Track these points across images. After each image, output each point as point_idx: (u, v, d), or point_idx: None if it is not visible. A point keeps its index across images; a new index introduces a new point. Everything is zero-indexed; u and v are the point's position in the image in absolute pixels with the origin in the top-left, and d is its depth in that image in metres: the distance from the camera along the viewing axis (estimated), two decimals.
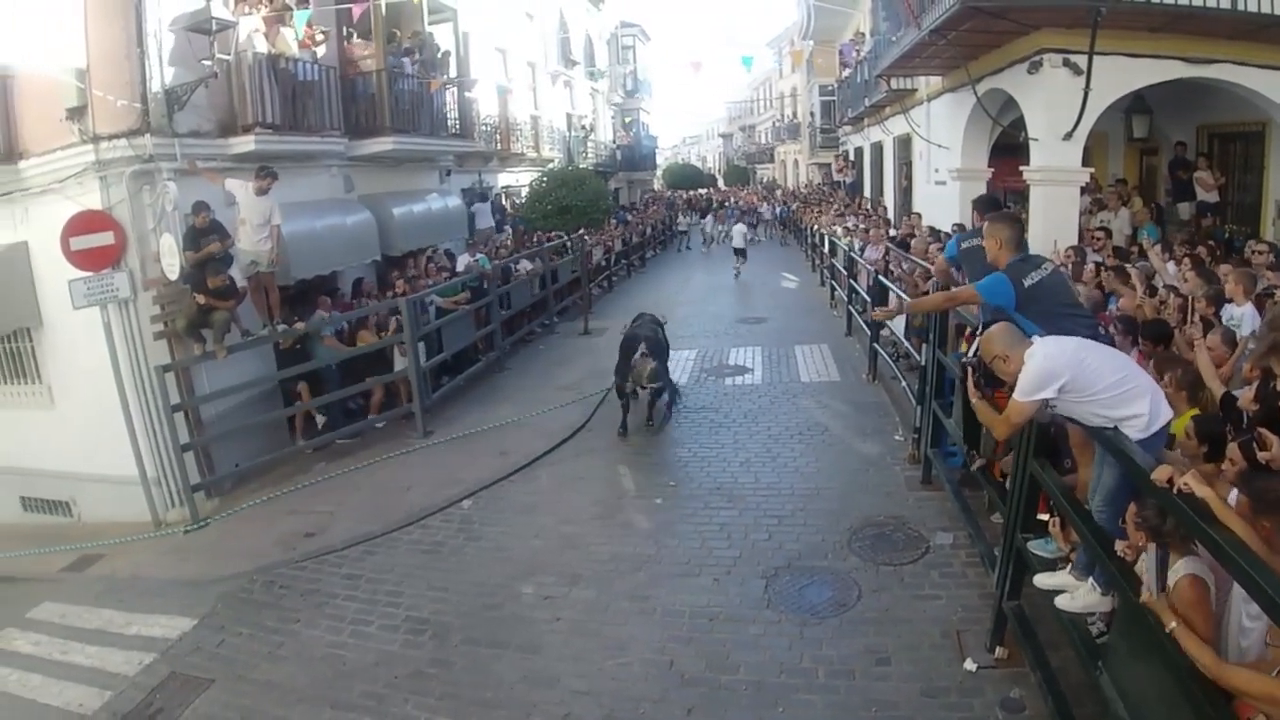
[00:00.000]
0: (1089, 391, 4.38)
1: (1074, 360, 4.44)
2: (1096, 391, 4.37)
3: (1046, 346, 4.59)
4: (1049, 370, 4.44)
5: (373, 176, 14.70)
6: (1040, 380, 4.46)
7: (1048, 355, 4.51)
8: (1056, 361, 4.46)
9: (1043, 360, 4.50)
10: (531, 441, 10.91)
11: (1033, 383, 4.48)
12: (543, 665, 6.24)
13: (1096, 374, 4.38)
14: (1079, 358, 4.47)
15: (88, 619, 7.74)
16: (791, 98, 50.81)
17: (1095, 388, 4.36)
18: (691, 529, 8.23)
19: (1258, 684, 3.21)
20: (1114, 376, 4.38)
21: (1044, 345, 4.60)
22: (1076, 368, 4.41)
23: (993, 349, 4.79)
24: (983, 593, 6.54)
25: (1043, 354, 4.53)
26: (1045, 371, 4.45)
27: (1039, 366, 4.48)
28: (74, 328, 10.00)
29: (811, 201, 32.67)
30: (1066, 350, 4.54)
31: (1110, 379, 4.37)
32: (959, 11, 9.94)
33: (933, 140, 16.97)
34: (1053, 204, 11.42)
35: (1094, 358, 4.49)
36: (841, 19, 28.16)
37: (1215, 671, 3.33)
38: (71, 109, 10.01)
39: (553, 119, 28.46)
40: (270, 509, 9.82)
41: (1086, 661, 4.47)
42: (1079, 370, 4.40)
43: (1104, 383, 4.36)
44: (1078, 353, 4.52)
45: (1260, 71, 10.26)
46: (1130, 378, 4.40)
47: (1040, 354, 4.54)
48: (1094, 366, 4.41)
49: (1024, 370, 4.54)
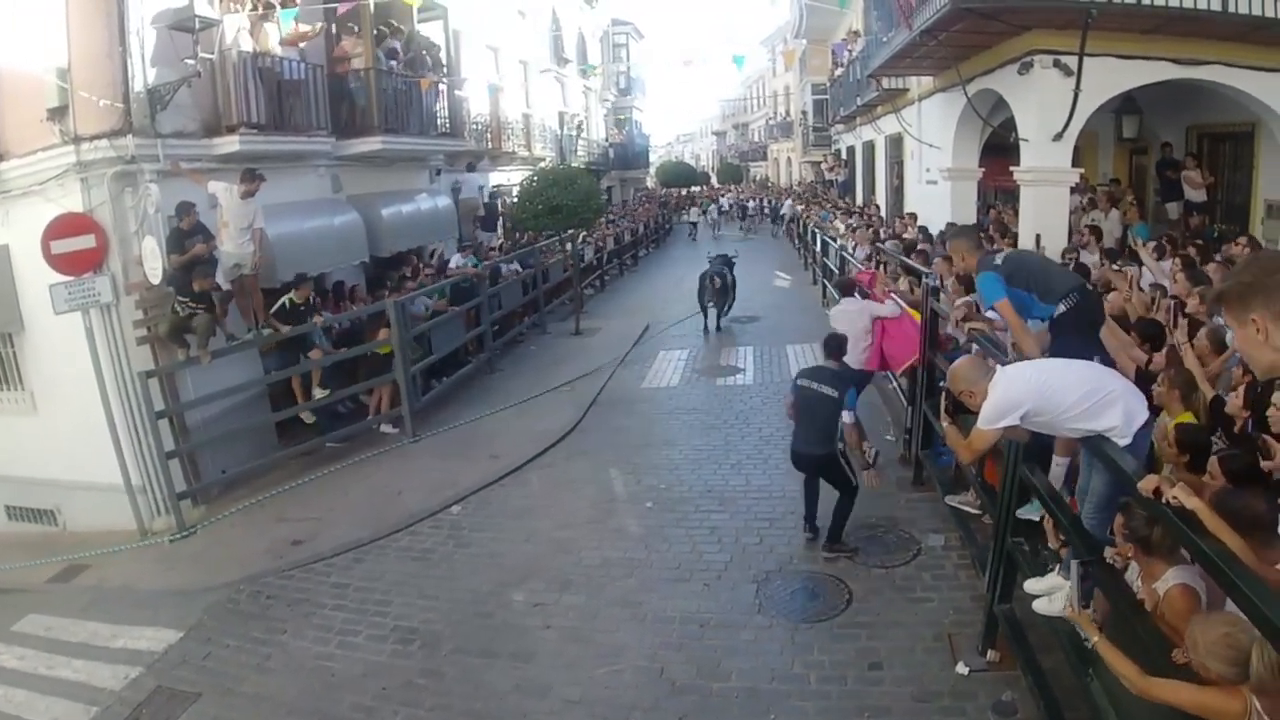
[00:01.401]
0: (1055, 413, 4.40)
1: (1034, 388, 4.47)
2: (1063, 411, 4.38)
3: (1006, 375, 4.65)
4: (1009, 399, 4.48)
5: (361, 176, 14.60)
6: (1000, 410, 4.50)
7: (1009, 384, 4.57)
8: (1015, 390, 4.51)
9: (1004, 390, 4.54)
10: (522, 444, 10.84)
11: (994, 412, 4.53)
12: (534, 674, 6.19)
13: (1060, 394, 4.39)
14: (1040, 382, 4.49)
15: (74, 632, 7.65)
16: (784, 96, 50.86)
17: (1061, 407, 4.37)
18: (683, 533, 8.18)
19: (1184, 694, 3.19)
20: (1080, 391, 4.37)
21: (1004, 375, 4.67)
22: (1037, 394, 4.43)
23: (958, 384, 4.86)
24: (974, 595, 6.50)
25: (1004, 384, 4.58)
26: (1006, 401, 4.49)
27: (1000, 397, 4.53)
28: (56, 333, 9.88)
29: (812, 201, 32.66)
30: (1025, 377, 4.59)
31: (1075, 395, 4.36)
32: (950, 12, 9.89)
33: (924, 140, 16.97)
34: (1043, 204, 11.40)
35: (1056, 379, 4.50)
36: (834, 18, 28.17)
37: (1140, 685, 3.34)
38: (53, 109, 9.91)
39: (545, 117, 28.39)
40: (257, 516, 9.73)
41: (1077, 668, 4.43)
42: (1040, 396, 4.42)
43: (1069, 400, 4.36)
44: (1037, 377, 4.56)
45: (1249, 73, 10.24)
46: (1098, 389, 4.38)
47: (1001, 384, 4.59)
48: (1057, 387, 4.42)
49: (986, 401, 4.59)
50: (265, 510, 9.87)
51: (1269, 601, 2.81)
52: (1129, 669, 3.39)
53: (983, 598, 6.03)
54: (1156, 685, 3.29)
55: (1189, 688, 3.18)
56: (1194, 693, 3.14)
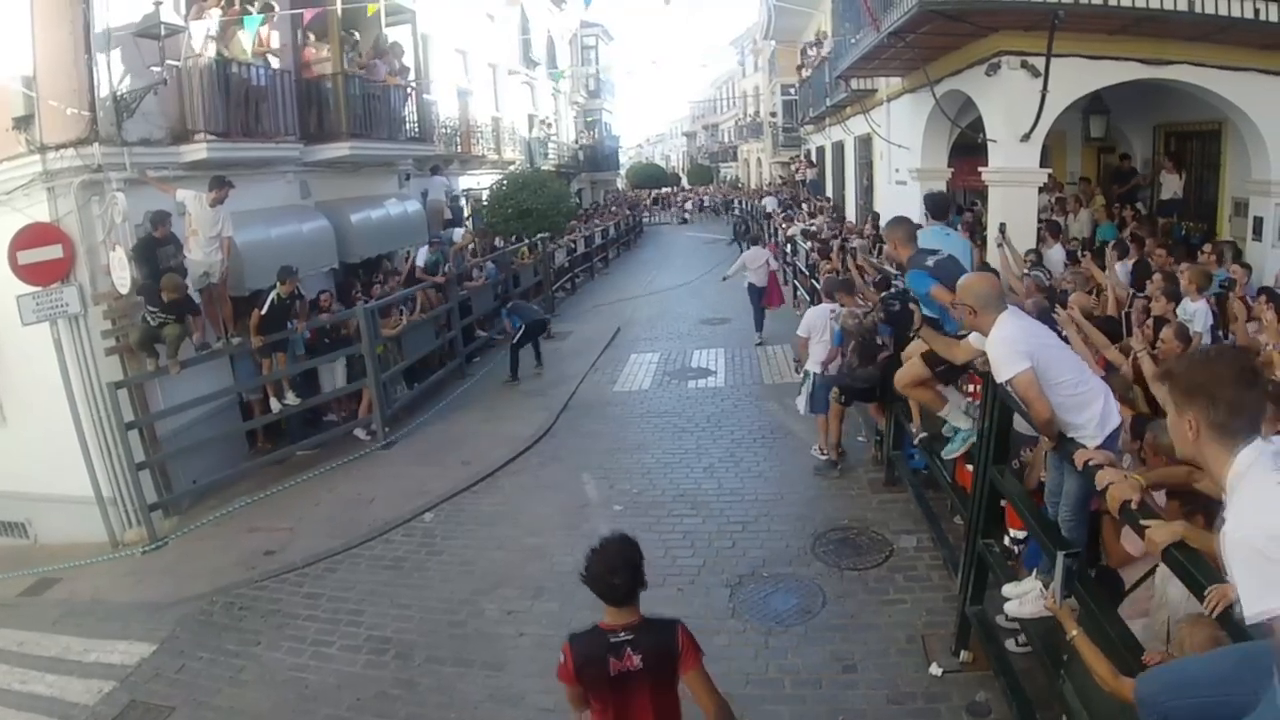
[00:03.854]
0: (1052, 381, 4.37)
1: (1039, 343, 4.46)
2: (1056, 383, 4.36)
3: (1016, 318, 4.59)
4: (1016, 340, 4.45)
5: (330, 182, 14.51)
6: (1010, 344, 4.46)
7: (1018, 328, 4.52)
8: (1024, 334, 4.49)
9: (1011, 330, 4.51)
10: (494, 450, 10.83)
11: (1005, 349, 4.47)
12: (507, 682, 6.19)
13: (1058, 365, 4.40)
14: (1042, 342, 4.51)
15: (46, 646, 7.55)
16: (754, 97, 50.94)
17: (1056, 378, 4.36)
18: (655, 537, 8.18)
19: None
20: (1072, 372, 4.42)
21: (1014, 316, 4.60)
22: (1040, 349, 4.42)
23: (966, 296, 4.73)
24: (947, 595, 6.56)
25: (1013, 325, 4.53)
26: (1013, 340, 4.46)
27: (1008, 334, 4.49)
28: (24, 344, 9.73)
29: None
30: (1033, 330, 4.57)
31: (1069, 374, 4.40)
32: (917, 14, 9.94)
33: (893, 140, 17.04)
34: (1011, 204, 11.47)
35: (1055, 349, 4.54)
36: (803, 19, 28.28)
37: (1113, 685, 3.36)
38: (18, 118, 9.73)
39: (514, 120, 28.29)
40: (229, 526, 9.68)
41: (1049, 670, 4.48)
42: (1043, 353, 4.41)
43: (1064, 375, 4.38)
44: (1042, 334, 4.60)
45: (1217, 72, 10.36)
46: (1086, 379, 4.43)
47: (1010, 324, 4.54)
48: (1055, 357, 4.45)
49: (994, 332, 4.56)
50: (237, 520, 9.82)
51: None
52: (1104, 668, 3.41)
53: (955, 598, 6.08)
54: (1129, 686, 3.33)
55: None
56: None
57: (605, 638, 3.65)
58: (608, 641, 3.63)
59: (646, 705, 3.68)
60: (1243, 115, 10.57)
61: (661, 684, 3.71)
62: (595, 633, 3.69)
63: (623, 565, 3.64)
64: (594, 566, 3.66)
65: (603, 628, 3.69)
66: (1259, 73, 10.29)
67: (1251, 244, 10.89)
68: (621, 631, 3.64)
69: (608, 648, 3.63)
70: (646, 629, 3.68)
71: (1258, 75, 10.31)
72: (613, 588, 3.64)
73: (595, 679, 3.65)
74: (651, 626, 3.71)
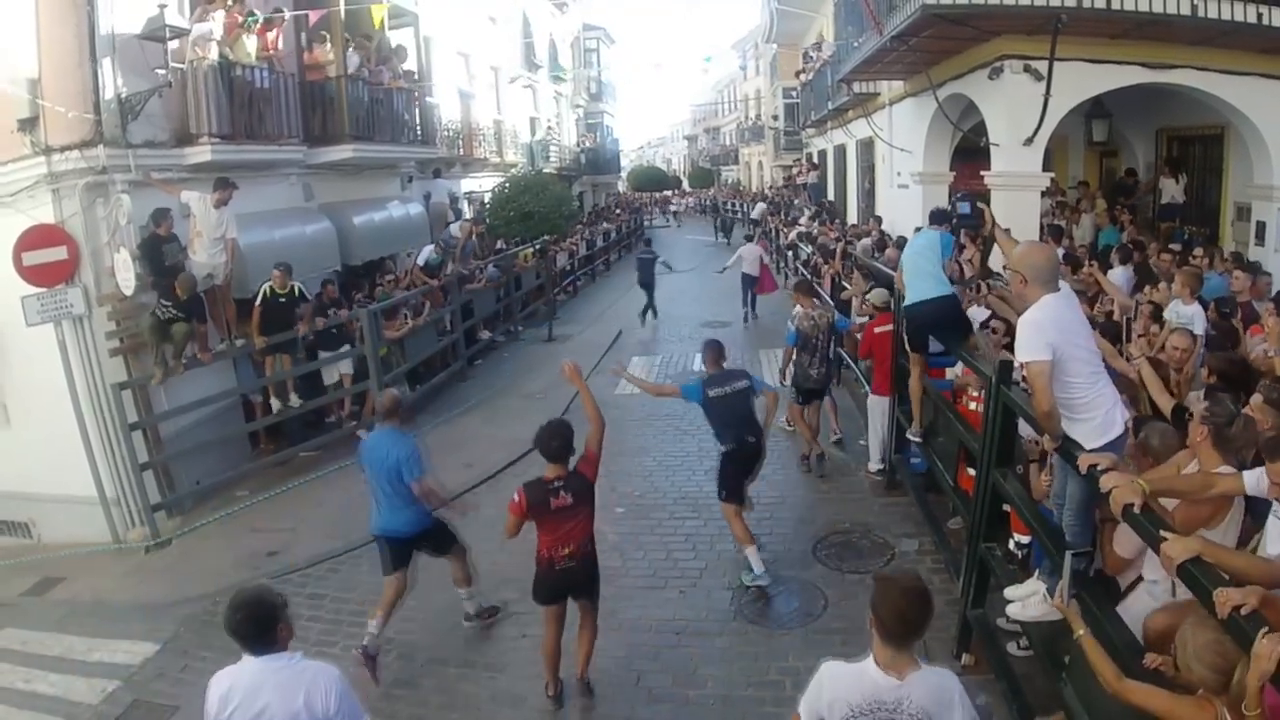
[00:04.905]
0: (1065, 378, 4.28)
1: (1065, 337, 4.26)
2: (1072, 382, 4.30)
3: (1054, 305, 4.34)
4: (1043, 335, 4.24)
5: (333, 184, 14.56)
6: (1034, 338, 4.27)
7: (1054, 316, 4.29)
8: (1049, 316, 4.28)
9: (1039, 313, 4.31)
10: (495, 452, 10.83)
11: (1029, 340, 4.29)
12: (509, 684, 6.21)
13: (1078, 363, 4.29)
14: (1070, 335, 4.31)
15: (50, 645, 7.56)
16: (756, 100, 50.96)
17: (1074, 377, 4.29)
18: (657, 540, 8.22)
19: (1157, 700, 3.24)
20: (1087, 375, 4.33)
21: (1054, 302, 4.35)
22: (1059, 331, 4.25)
23: (1021, 264, 4.47)
24: (949, 599, 6.54)
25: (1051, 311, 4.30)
26: (1037, 324, 4.28)
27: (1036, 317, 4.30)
28: (28, 345, 9.77)
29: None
30: (1064, 320, 4.33)
31: (1084, 375, 4.31)
32: (920, 18, 9.98)
33: (895, 144, 17.07)
34: (1014, 208, 11.47)
35: (1081, 347, 4.36)
36: (805, 22, 28.32)
37: (1116, 687, 3.38)
38: (23, 120, 9.78)
39: (516, 123, 28.33)
40: (232, 526, 9.70)
41: (1050, 672, 4.49)
42: (1066, 348, 4.25)
43: (1079, 377, 4.30)
44: (1072, 313, 4.42)
45: (1220, 76, 10.39)
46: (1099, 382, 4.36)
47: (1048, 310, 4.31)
48: (1077, 355, 4.30)
49: (1023, 323, 4.36)
50: (239, 521, 9.84)
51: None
52: (1108, 669, 3.43)
53: (957, 602, 6.09)
54: (1131, 688, 3.33)
55: (1163, 694, 3.23)
56: (1167, 699, 3.19)
57: (546, 485, 5.58)
58: (548, 487, 5.56)
59: (576, 526, 5.65)
60: (1245, 120, 10.59)
61: (584, 511, 5.72)
62: (539, 482, 5.61)
63: (557, 435, 5.63)
64: (540, 435, 5.67)
65: (544, 479, 5.61)
66: (1261, 77, 10.33)
67: (1254, 249, 10.90)
68: (555, 481, 5.58)
69: (549, 491, 5.55)
70: (571, 478, 5.63)
71: (1260, 80, 10.34)
72: (551, 449, 5.61)
73: (541, 513, 5.55)
74: (574, 476, 5.66)
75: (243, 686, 3.60)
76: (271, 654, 3.63)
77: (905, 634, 3.21)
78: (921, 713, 3.15)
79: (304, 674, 3.63)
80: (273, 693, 3.56)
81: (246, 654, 3.64)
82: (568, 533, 5.61)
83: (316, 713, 3.56)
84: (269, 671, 3.61)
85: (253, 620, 3.61)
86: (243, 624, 3.60)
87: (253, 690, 3.58)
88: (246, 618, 3.60)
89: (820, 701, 3.35)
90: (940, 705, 3.16)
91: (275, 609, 3.67)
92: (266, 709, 3.55)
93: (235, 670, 3.68)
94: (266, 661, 3.62)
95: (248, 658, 3.64)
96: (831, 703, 3.29)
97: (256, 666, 3.62)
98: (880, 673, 3.22)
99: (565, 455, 5.61)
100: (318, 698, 3.56)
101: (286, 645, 3.72)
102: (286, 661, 3.66)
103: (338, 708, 3.59)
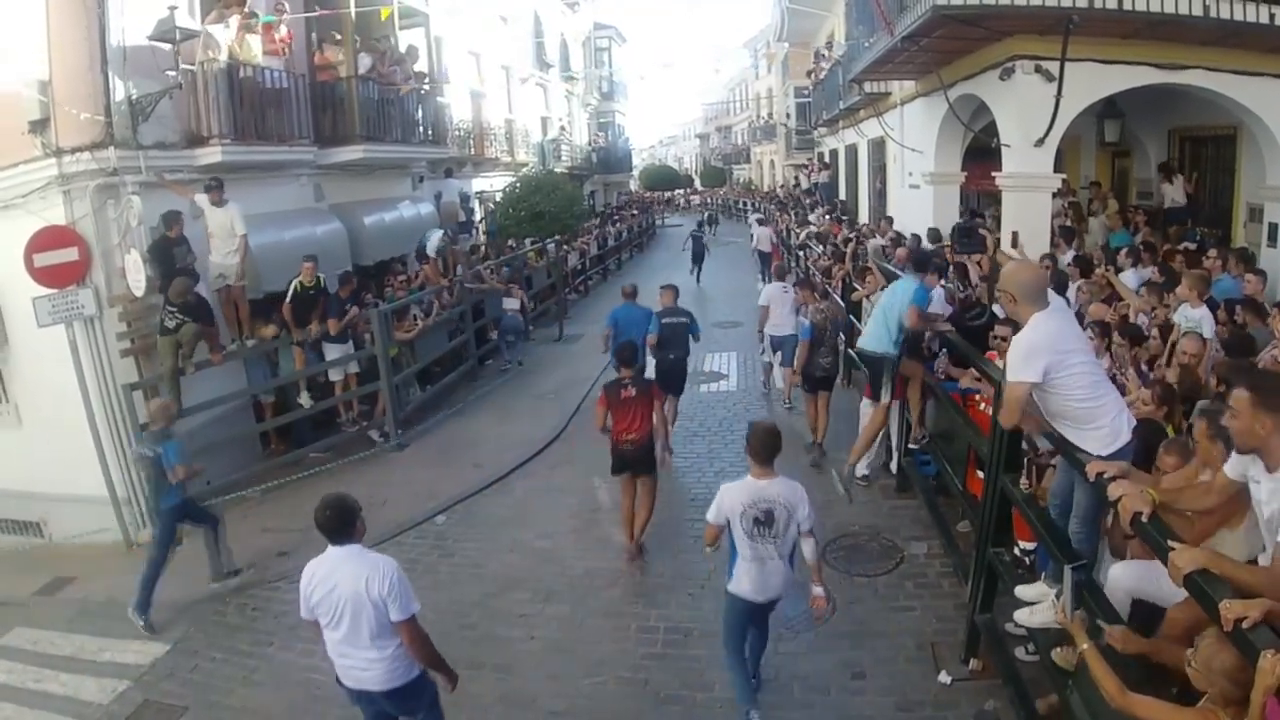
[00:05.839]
0: (1064, 393, 4.35)
1: (1058, 356, 4.32)
2: (1072, 396, 4.34)
3: (1046, 323, 4.42)
4: (1032, 358, 4.33)
5: (344, 185, 14.60)
6: (1026, 352, 4.37)
7: (1045, 335, 4.37)
8: (1043, 333, 4.37)
9: (1031, 331, 4.41)
10: (506, 453, 10.86)
11: (1020, 360, 4.39)
12: (519, 685, 6.22)
13: (1076, 377, 4.33)
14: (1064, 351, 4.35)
15: (60, 645, 7.59)
16: (768, 99, 50.83)
17: (1072, 391, 4.33)
18: (665, 542, 8.22)
19: (1159, 712, 3.24)
20: (1087, 387, 4.35)
21: (1046, 320, 4.43)
22: (1058, 362, 4.31)
23: (1008, 284, 4.62)
24: (957, 603, 6.56)
25: (1042, 331, 4.39)
26: (1031, 345, 4.37)
27: (1027, 343, 4.39)
28: (40, 346, 9.85)
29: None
30: (1057, 337, 4.39)
31: (1083, 389, 4.34)
32: (931, 18, 9.92)
33: (906, 144, 16.98)
34: (1025, 209, 11.45)
35: (1077, 360, 4.38)
36: (816, 21, 28.21)
37: (1120, 701, 3.37)
38: (34, 122, 9.83)
39: (527, 123, 28.36)
40: (242, 527, 9.67)
41: (1057, 679, 4.48)
42: (1060, 367, 4.31)
43: (1077, 391, 4.34)
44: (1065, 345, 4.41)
45: (1232, 77, 10.31)
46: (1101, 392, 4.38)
47: (1040, 330, 4.40)
48: (1075, 369, 4.34)
49: (1015, 343, 4.49)
50: (250, 522, 9.85)
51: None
52: (1111, 683, 3.41)
53: (965, 606, 6.08)
54: (1135, 702, 3.32)
55: (1167, 707, 3.23)
56: (1170, 713, 3.19)
57: (619, 383, 7.79)
58: (620, 384, 7.77)
59: (637, 415, 7.65)
60: (1257, 120, 10.51)
61: (644, 401, 7.74)
62: (615, 380, 7.88)
63: (628, 348, 8.07)
64: (622, 350, 8.08)
65: (619, 378, 7.87)
66: (1273, 78, 10.24)
67: (1266, 250, 10.82)
68: (625, 379, 7.80)
69: (620, 386, 7.75)
70: (637, 377, 7.89)
71: (1272, 80, 10.26)
72: (625, 356, 7.96)
73: (613, 402, 7.71)
74: (639, 378, 7.96)
75: (324, 569, 4.57)
76: (348, 545, 4.56)
77: (768, 456, 5.30)
78: (783, 499, 5.21)
79: (368, 562, 4.53)
80: (343, 575, 4.49)
81: (330, 544, 4.57)
82: (630, 420, 7.63)
83: (373, 594, 4.44)
84: (343, 558, 4.54)
85: (337, 516, 4.53)
86: (330, 519, 4.52)
87: (329, 572, 4.54)
88: (334, 514, 4.53)
89: (723, 509, 5.30)
90: (794, 499, 5.24)
91: (354, 510, 4.63)
92: (337, 587, 4.49)
93: (321, 558, 4.62)
94: (343, 550, 4.55)
95: (331, 548, 4.57)
96: (730, 506, 5.26)
97: (336, 554, 4.56)
98: (755, 481, 5.28)
99: (634, 361, 7.96)
100: (375, 583, 4.43)
101: (360, 539, 4.64)
102: (357, 552, 4.58)
103: (390, 592, 4.43)
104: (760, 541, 5.21)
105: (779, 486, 5.22)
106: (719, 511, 5.30)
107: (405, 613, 4.51)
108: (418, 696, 4.92)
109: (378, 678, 4.67)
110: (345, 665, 4.72)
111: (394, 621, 4.51)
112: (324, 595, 4.53)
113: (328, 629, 4.64)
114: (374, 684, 4.70)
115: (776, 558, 5.29)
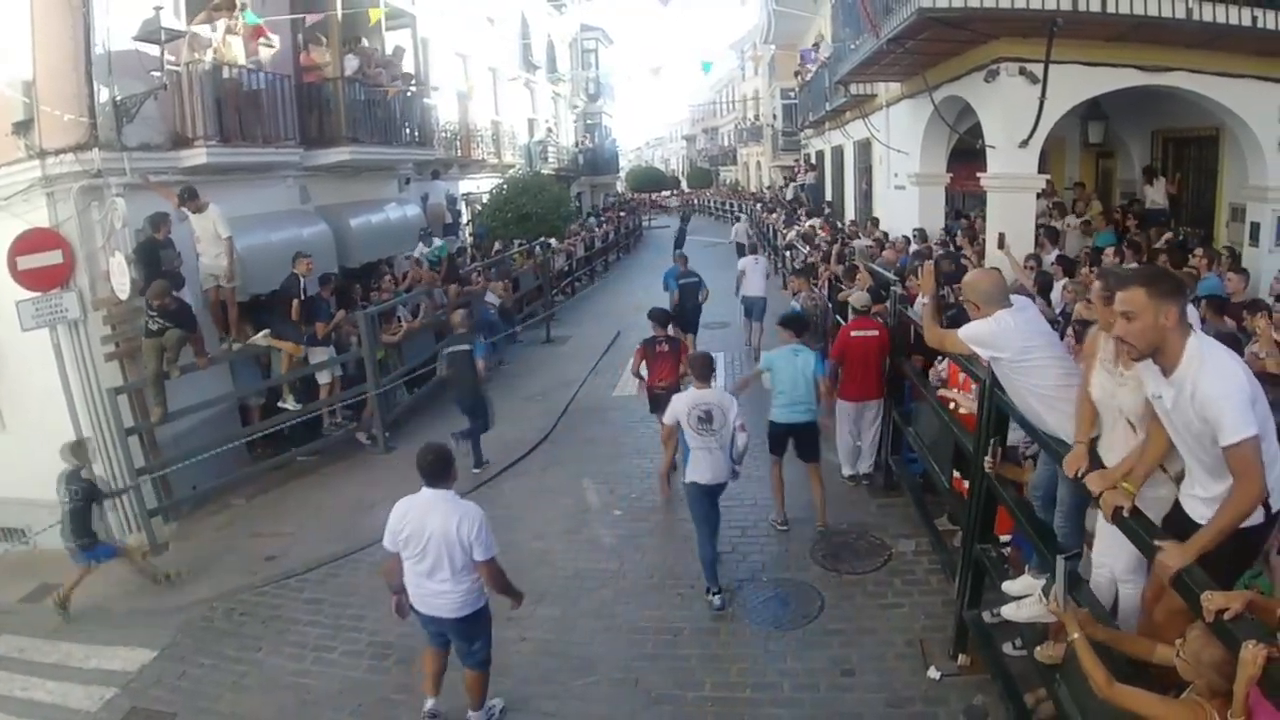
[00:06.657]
0: (1031, 383, 4.56)
1: (1020, 345, 4.54)
2: (1040, 386, 4.53)
3: (1008, 317, 4.64)
4: (994, 338, 4.63)
5: (330, 186, 14.51)
6: (980, 340, 4.73)
7: (1004, 326, 4.61)
8: (1003, 332, 4.59)
9: (993, 326, 4.64)
10: (495, 454, 10.81)
11: (975, 337, 4.77)
12: (511, 687, 6.20)
13: (1041, 369, 4.52)
14: (1026, 344, 4.55)
15: (47, 652, 7.57)
16: (754, 100, 50.92)
17: (1041, 382, 4.53)
18: (656, 543, 8.25)
19: (1148, 704, 3.24)
20: (1055, 378, 4.50)
21: (1008, 315, 4.65)
22: (1021, 352, 4.54)
23: (971, 293, 4.92)
24: (945, 599, 6.61)
25: (1001, 323, 4.62)
26: (991, 335, 4.64)
27: (988, 330, 4.66)
28: (24, 349, 9.76)
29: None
30: (1019, 330, 4.60)
31: (1051, 380, 4.50)
32: (917, 21, 9.96)
33: (892, 145, 17.06)
34: (1010, 210, 11.53)
35: (1041, 354, 4.56)
36: (803, 23, 28.32)
37: (1107, 692, 3.38)
38: (17, 123, 9.77)
39: (514, 124, 28.31)
40: (230, 531, 9.69)
41: (1045, 674, 4.50)
42: (1023, 356, 4.55)
43: (1045, 381, 4.51)
44: (1031, 327, 4.66)
45: (1214, 79, 10.42)
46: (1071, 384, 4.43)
47: (1002, 319, 4.63)
48: (1040, 361, 4.53)
49: (979, 323, 4.74)
50: (237, 526, 9.83)
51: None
52: (1099, 674, 3.42)
53: (953, 602, 6.11)
54: (1123, 693, 3.34)
55: (1154, 698, 3.24)
56: (1159, 704, 3.20)
57: (655, 339, 9.74)
58: (655, 340, 9.72)
59: (667, 367, 9.55)
60: (1240, 121, 10.62)
61: (673, 357, 9.54)
62: (651, 338, 9.80)
63: (662, 312, 10.22)
64: (655, 311, 10.16)
65: (654, 336, 9.77)
66: (1255, 79, 10.36)
67: (1248, 249, 10.92)
68: (660, 337, 9.71)
69: (656, 342, 9.71)
70: (668, 338, 9.77)
71: (1254, 82, 10.37)
72: (660, 320, 9.91)
73: (649, 355, 9.73)
74: (671, 338, 9.87)
75: (417, 508, 5.25)
76: (442, 488, 5.25)
77: (705, 375, 7.22)
78: (717, 402, 6.99)
79: (459, 507, 5.22)
80: (435, 516, 5.18)
81: (425, 486, 5.25)
82: (662, 370, 9.61)
83: (462, 537, 5.13)
84: (436, 500, 5.23)
85: (439, 460, 5.27)
86: (432, 463, 5.24)
87: (423, 512, 5.22)
88: (435, 459, 5.26)
89: (675, 412, 7.07)
90: (726, 403, 7.02)
91: (452, 458, 5.42)
92: (427, 525, 5.16)
93: (414, 497, 5.32)
94: (437, 493, 5.25)
95: (425, 489, 5.26)
96: (679, 409, 7.02)
97: (430, 495, 5.25)
98: (697, 391, 7.10)
99: (668, 321, 10.13)
100: (465, 527, 5.14)
101: (452, 485, 5.34)
102: (449, 496, 5.27)
103: (476, 537, 5.14)
104: (705, 435, 6.92)
105: (714, 394, 7.15)
106: (672, 414, 7.12)
107: (488, 554, 5.22)
108: (479, 623, 5.55)
109: (450, 605, 5.34)
110: (422, 594, 5.38)
111: (477, 560, 5.20)
112: (414, 531, 5.19)
113: (410, 561, 5.27)
114: (446, 611, 5.37)
115: (718, 448, 6.96)
